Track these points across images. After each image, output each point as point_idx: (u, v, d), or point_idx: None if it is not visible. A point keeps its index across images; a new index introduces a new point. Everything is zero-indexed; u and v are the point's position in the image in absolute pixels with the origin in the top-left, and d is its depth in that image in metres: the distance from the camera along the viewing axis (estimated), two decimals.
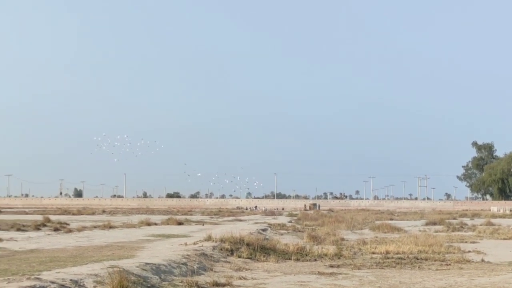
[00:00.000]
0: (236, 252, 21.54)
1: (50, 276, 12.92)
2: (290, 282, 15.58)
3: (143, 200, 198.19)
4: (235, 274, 17.07)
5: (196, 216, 74.41)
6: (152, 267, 15.72)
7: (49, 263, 16.72)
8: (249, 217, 68.03)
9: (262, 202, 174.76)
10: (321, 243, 27.65)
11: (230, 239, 22.88)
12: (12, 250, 21.91)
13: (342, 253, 22.75)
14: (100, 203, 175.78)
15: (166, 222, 47.27)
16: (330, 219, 55.50)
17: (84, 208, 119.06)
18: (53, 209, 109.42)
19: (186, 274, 15.97)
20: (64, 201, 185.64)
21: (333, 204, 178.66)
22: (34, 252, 20.78)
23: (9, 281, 12.31)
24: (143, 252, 20.51)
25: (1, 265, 16.63)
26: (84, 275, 13.25)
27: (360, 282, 15.64)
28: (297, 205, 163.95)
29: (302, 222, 53.91)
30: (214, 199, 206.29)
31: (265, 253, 21.82)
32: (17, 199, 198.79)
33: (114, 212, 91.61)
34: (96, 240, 27.46)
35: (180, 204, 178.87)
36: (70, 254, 19.81)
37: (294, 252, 22.40)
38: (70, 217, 65.61)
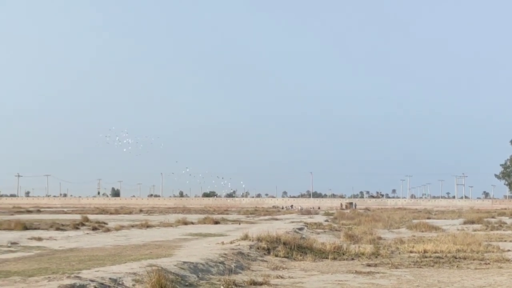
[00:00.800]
0: (273, 251, 21.55)
1: (90, 274, 13.07)
2: (328, 281, 15.55)
3: (180, 199, 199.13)
4: (272, 273, 17.09)
5: (232, 215, 74.55)
6: (190, 266, 15.82)
7: (88, 262, 16.92)
8: (285, 216, 67.94)
9: (298, 201, 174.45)
10: (358, 242, 27.55)
11: (266, 238, 22.90)
12: (52, 249, 22.20)
13: (380, 252, 22.65)
14: (137, 203, 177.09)
15: (203, 221, 47.41)
16: (367, 218, 55.18)
17: (122, 207, 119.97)
18: (91, 208, 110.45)
19: (223, 273, 16.04)
20: (101, 201, 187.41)
21: (370, 203, 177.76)
22: (74, 251, 21.03)
23: (50, 279, 12.48)
24: (180, 251, 20.62)
25: (42, 263, 16.87)
26: (123, 273, 13.38)
27: (398, 281, 15.56)
28: (333, 204, 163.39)
29: (339, 221, 53.70)
30: (250, 198, 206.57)
31: (302, 252, 21.81)
32: (56, 199, 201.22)
33: (151, 211, 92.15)
34: (134, 239, 27.68)
35: (216, 203, 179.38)
36: (109, 253, 20.01)
37: (331, 251, 22.36)
38: (107, 216, 66.15)
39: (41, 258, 18.70)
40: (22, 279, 13.16)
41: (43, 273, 14.27)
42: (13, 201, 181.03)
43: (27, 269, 15.36)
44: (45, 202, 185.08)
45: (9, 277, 13.64)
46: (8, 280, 13.18)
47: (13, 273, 14.59)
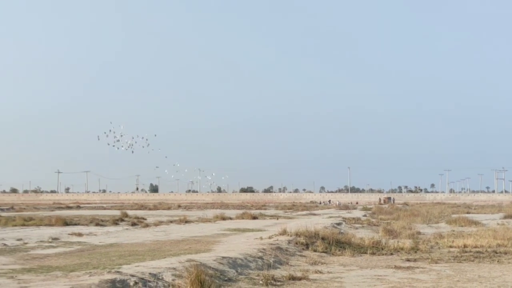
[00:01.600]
0: (311, 246, 21.53)
1: (130, 269, 13.19)
2: (367, 276, 15.48)
3: (218, 195, 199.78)
4: (311, 268, 17.07)
5: (270, 210, 74.63)
6: (229, 261, 15.87)
7: (128, 257, 17.07)
8: (323, 211, 67.85)
9: (335, 196, 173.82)
10: (397, 237, 27.39)
11: (305, 233, 22.90)
12: (92, 244, 22.44)
13: (419, 247, 22.47)
14: (176, 198, 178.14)
15: (241, 216, 47.52)
16: (405, 213, 54.86)
17: (160, 203, 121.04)
18: (129, 204, 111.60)
19: (262, 268, 16.06)
20: (140, 197, 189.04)
21: (408, 197, 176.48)
22: (114, 246, 21.24)
23: (91, 275, 12.62)
24: (219, 246, 20.70)
25: (83, 259, 17.07)
26: (162, 268, 13.47)
27: (438, 276, 15.43)
28: (371, 199, 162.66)
29: (377, 216, 53.45)
30: (288, 194, 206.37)
31: (340, 247, 21.75)
32: (95, 195, 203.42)
33: (189, 207, 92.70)
34: (173, 234, 27.84)
35: (254, 198, 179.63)
36: (148, 248, 20.16)
37: (369, 246, 22.27)
38: (146, 212, 66.74)
39: (82, 253, 18.92)
40: (63, 274, 13.33)
41: (84, 268, 14.45)
42: (54, 197, 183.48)
43: (68, 264, 15.56)
44: (84, 198, 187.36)
45: (51, 272, 13.83)
46: (50, 275, 13.36)
47: (54, 268, 14.79)
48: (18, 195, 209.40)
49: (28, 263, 16.11)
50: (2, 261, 16.55)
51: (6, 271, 14.28)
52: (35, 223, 36.92)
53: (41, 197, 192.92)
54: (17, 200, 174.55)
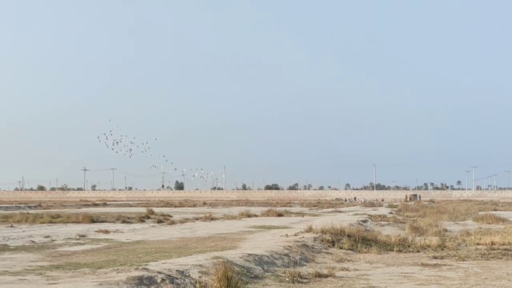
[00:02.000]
0: (337, 243, 21.47)
1: (157, 266, 13.25)
2: (393, 274, 15.42)
3: (243, 192, 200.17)
4: (337, 265, 17.04)
5: (295, 207, 74.55)
6: (255, 258, 15.89)
7: (155, 254, 17.16)
8: (349, 209, 67.66)
9: (361, 193, 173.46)
10: (423, 234, 27.23)
11: (330, 230, 22.84)
12: (119, 241, 22.60)
13: (446, 244, 22.31)
14: (201, 195, 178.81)
15: (266, 213, 47.57)
16: (432, 210, 54.54)
17: (186, 200, 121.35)
18: (155, 201, 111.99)
19: (288, 265, 16.06)
20: (166, 194, 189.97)
21: (434, 194, 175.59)
22: (140, 243, 21.36)
23: (118, 271, 12.71)
24: (245, 243, 20.73)
25: (110, 255, 17.20)
26: (189, 265, 13.51)
27: (465, 273, 15.33)
28: (397, 196, 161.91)
29: (403, 213, 53.19)
30: (313, 191, 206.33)
31: (366, 244, 21.68)
32: (121, 192, 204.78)
33: (214, 204, 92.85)
34: (199, 231, 27.94)
35: (279, 195, 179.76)
36: (175, 245, 20.25)
37: (396, 243, 22.17)
38: (172, 209, 66.95)
39: (109, 250, 19.06)
40: (91, 271, 13.44)
41: (111, 265, 14.55)
42: (80, 195, 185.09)
43: (96, 261, 15.69)
44: (110, 195, 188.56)
45: (79, 269, 13.95)
46: (78, 272, 13.48)
47: (82, 265, 14.92)
48: (45, 192, 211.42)
49: (56, 260, 16.26)
50: (31, 258, 16.73)
51: (34, 268, 14.43)
52: (62, 220, 37.24)
53: (68, 195, 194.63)
54: (44, 197, 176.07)
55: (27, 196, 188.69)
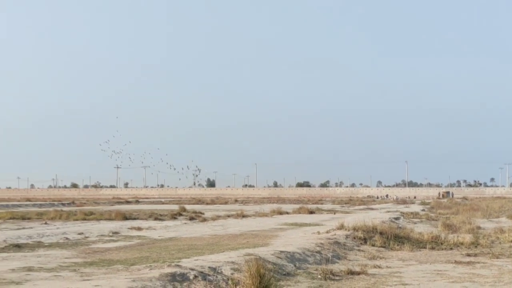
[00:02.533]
0: (369, 241, 21.40)
1: (189, 263, 13.32)
2: (426, 271, 15.33)
3: (274, 190, 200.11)
4: (369, 262, 16.99)
5: (327, 205, 74.47)
6: (287, 255, 15.90)
7: (187, 251, 17.25)
8: (381, 206, 67.35)
9: (393, 191, 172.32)
10: (456, 231, 27.01)
11: (362, 227, 22.77)
12: (151, 238, 22.77)
13: (479, 241, 22.12)
14: (232, 193, 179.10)
15: (298, 211, 47.55)
16: (465, 207, 54.09)
17: (217, 197, 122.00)
18: (187, 198, 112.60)
19: (320, 262, 16.05)
20: (197, 191, 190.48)
21: (467, 192, 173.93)
22: (173, 240, 21.49)
23: (151, 268, 12.80)
24: (276, 241, 20.75)
25: (143, 252, 17.34)
26: (221, 262, 13.57)
27: (499, 271, 15.18)
28: (429, 194, 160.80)
29: (436, 211, 52.81)
30: (344, 188, 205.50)
31: (399, 241, 21.57)
32: (154, 190, 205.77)
33: (246, 201, 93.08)
34: (231, 228, 28.02)
35: (311, 193, 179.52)
36: (207, 242, 20.34)
37: (428, 240, 22.02)
38: (204, 206, 67.27)
39: (142, 247, 19.20)
40: (124, 268, 13.57)
41: (144, 261, 14.67)
42: (113, 192, 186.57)
43: (129, 258, 15.82)
44: (143, 192, 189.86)
45: (112, 266, 14.09)
46: (112, 268, 13.62)
47: (115, 261, 15.06)
48: (78, 190, 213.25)
49: (89, 257, 16.44)
50: (65, 255, 16.92)
51: (68, 264, 14.60)
52: (95, 218, 37.62)
53: (100, 192, 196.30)
54: (78, 195, 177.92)
55: (60, 193, 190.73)
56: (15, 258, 16.15)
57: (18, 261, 15.33)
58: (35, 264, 14.44)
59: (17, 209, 56.94)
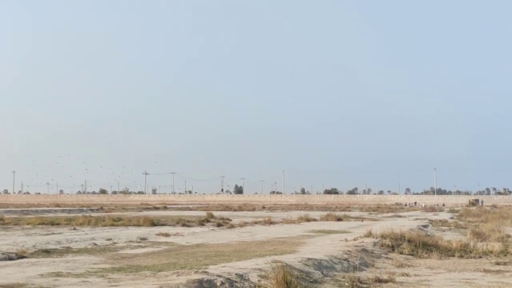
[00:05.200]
0: (397, 249, 21.28)
1: (216, 270, 13.33)
2: (455, 279, 15.20)
3: (301, 196, 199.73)
4: (397, 270, 16.88)
5: (355, 212, 74.17)
6: (314, 263, 15.85)
7: (214, 257, 17.27)
8: (409, 213, 66.95)
9: (421, 198, 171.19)
10: (485, 240, 26.75)
11: (390, 235, 22.64)
12: (179, 244, 22.83)
13: (509, 250, 21.83)
14: (260, 199, 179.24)
15: (325, 218, 47.44)
16: (494, 215, 53.56)
17: (245, 204, 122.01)
18: (215, 205, 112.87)
19: (347, 270, 15.97)
20: (225, 198, 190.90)
21: (497, 200, 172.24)
22: (200, 247, 21.53)
23: (178, 274, 12.83)
24: (304, 248, 20.71)
25: (170, 258, 17.39)
26: (248, 269, 13.55)
27: None
28: (458, 201, 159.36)
29: (464, 219, 52.34)
30: (372, 195, 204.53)
31: (427, 249, 21.41)
32: (181, 196, 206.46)
33: (273, 208, 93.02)
34: (258, 235, 28.02)
35: (338, 200, 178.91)
36: (234, 249, 20.35)
37: (457, 248, 21.82)
38: (231, 213, 67.34)
39: (169, 253, 19.26)
40: (152, 274, 13.62)
41: (171, 268, 14.71)
42: (141, 198, 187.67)
43: (156, 264, 15.88)
44: (171, 199, 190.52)
45: (140, 272, 14.15)
46: (139, 274, 13.68)
47: (143, 267, 15.12)
48: (107, 196, 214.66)
49: (117, 263, 16.53)
50: (93, 261, 17.03)
51: (96, 270, 14.70)
52: (123, 223, 37.82)
53: (129, 198, 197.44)
54: (106, 200, 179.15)
55: (89, 199, 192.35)
56: (44, 263, 16.29)
57: (47, 266, 15.46)
58: (64, 270, 14.55)
59: (47, 214, 57.44)
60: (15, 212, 60.26)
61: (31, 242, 23.04)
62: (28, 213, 60.76)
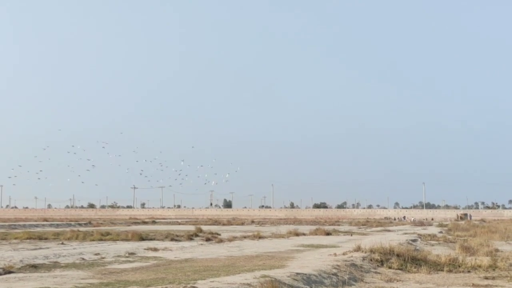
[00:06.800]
0: (386, 263, 21.29)
1: (205, 285, 13.29)
2: None
3: (291, 210, 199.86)
4: (386, 285, 16.88)
5: (344, 226, 74.19)
6: (303, 277, 15.82)
7: (203, 272, 17.21)
8: (398, 228, 67.00)
9: (410, 212, 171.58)
10: (474, 254, 26.80)
11: (379, 249, 22.65)
12: (167, 259, 22.73)
13: (497, 264, 21.90)
14: (249, 214, 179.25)
15: (314, 232, 47.43)
16: (483, 229, 53.69)
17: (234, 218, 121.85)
18: (204, 219, 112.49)
19: (336, 285, 15.96)
20: (214, 212, 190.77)
21: (485, 214, 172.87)
22: (189, 262, 21.45)
23: None
24: (293, 262, 20.67)
25: (159, 273, 17.31)
26: (237, 284, 13.52)
27: None
28: (447, 215, 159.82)
29: (453, 233, 52.42)
30: (361, 209, 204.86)
31: (416, 264, 21.43)
32: (170, 210, 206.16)
33: (262, 222, 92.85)
34: (247, 250, 27.96)
35: (327, 214, 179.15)
36: (223, 264, 20.29)
37: (446, 263, 21.86)
38: (220, 227, 67.16)
39: (158, 268, 19.18)
40: None
41: (160, 283, 14.64)
42: (130, 212, 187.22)
43: (145, 279, 15.80)
44: (159, 213, 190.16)
45: (128, 287, 14.08)
46: None
47: (131, 282, 15.04)
48: (95, 210, 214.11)
49: (105, 278, 16.43)
50: (81, 276, 16.93)
51: (84, 285, 14.61)
52: (112, 238, 37.63)
53: (117, 212, 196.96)
54: (95, 215, 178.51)
55: (77, 213, 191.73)
56: (31, 278, 16.19)
57: (34, 281, 15.36)
58: (51, 285, 14.46)
59: (34, 229, 57.12)
60: (2, 227, 59.87)
61: (18, 257, 22.89)
62: (16, 227, 60.39)
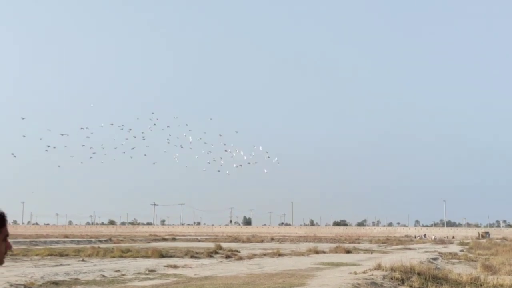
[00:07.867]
0: (407, 282, 21.17)
1: None
2: None
3: (310, 228, 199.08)
4: None
5: (364, 244, 73.83)
6: None
7: None
8: (418, 246, 66.63)
9: (431, 230, 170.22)
10: (496, 273, 26.58)
11: (400, 268, 22.54)
12: (187, 276, 22.76)
13: None
14: (268, 231, 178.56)
15: (334, 250, 47.28)
16: (504, 248, 53.20)
17: (253, 235, 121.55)
18: (223, 236, 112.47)
19: None
20: (234, 229, 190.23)
21: (507, 232, 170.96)
22: (209, 279, 21.45)
23: None
24: (313, 280, 20.61)
25: None
26: None
27: None
28: (468, 234, 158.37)
29: (475, 251, 52.06)
30: (381, 227, 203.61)
31: (437, 282, 21.29)
32: (190, 227, 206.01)
33: (282, 240, 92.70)
34: (267, 267, 27.92)
35: (347, 232, 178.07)
36: (243, 281, 20.27)
37: (467, 282, 21.69)
38: (240, 244, 67.12)
39: (178, 285, 19.21)
40: None
41: None
42: (150, 229, 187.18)
43: None
44: (179, 230, 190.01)
45: None
46: None
47: None
48: (115, 227, 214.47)
49: None
50: None
51: None
52: (132, 255, 37.74)
53: (137, 229, 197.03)
54: (115, 232, 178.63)
55: (98, 230, 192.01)
56: None
57: None
58: None
59: (55, 245, 57.40)
60: (23, 243, 60.17)
61: (39, 273, 23.03)
62: (37, 244, 60.71)
